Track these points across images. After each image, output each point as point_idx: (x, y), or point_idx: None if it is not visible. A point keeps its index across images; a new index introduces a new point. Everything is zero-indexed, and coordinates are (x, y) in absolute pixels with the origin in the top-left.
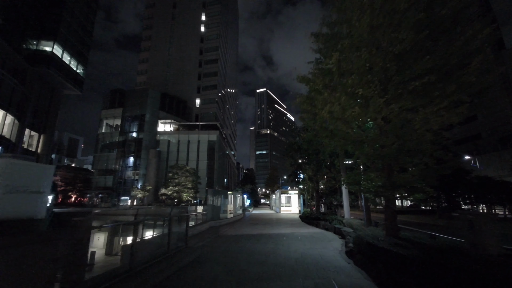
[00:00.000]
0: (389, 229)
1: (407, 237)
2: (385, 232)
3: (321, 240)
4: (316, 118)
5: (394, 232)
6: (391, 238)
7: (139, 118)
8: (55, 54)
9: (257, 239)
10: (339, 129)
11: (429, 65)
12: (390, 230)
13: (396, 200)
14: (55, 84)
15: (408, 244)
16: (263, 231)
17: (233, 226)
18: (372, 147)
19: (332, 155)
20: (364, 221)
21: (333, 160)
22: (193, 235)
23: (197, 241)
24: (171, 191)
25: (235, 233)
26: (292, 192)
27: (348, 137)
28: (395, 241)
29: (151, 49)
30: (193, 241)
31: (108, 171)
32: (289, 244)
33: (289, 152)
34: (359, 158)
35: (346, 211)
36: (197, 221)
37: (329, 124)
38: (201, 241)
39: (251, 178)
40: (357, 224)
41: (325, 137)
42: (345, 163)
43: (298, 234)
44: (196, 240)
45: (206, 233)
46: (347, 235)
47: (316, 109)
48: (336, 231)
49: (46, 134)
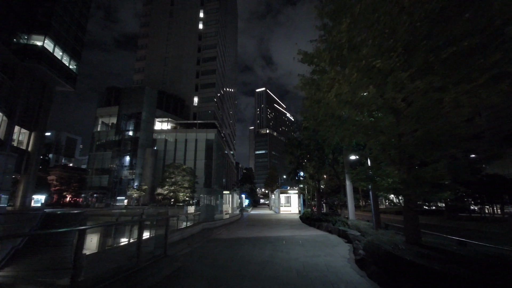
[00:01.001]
0: (410, 235)
1: (431, 244)
2: (404, 238)
3: (325, 244)
4: (319, 105)
5: (416, 238)
6: (413, 245)
7: (136, 116)
8: (46, 48)
9: (253, 244)
10: (348, 116)
11: (470, 26)
12: (411, 236)
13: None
14: (46, 80)
15: (437, 254)
16: (260, 234)
17: (229, 228)
18: (390, 135)
19: (335, 150)
20: (372, 223)
21: (336, 157)
22: (182, 239)
23: (183, 246)
24: (167, 190)
25: (229, 236)
26: (291, 192)
27: (360, 124)
28: (419, 249)
29: (148, 47)
30: (179, 246)
31: (103, 170)
32: (289, 250)
33: (288, 148)
34: (371, 151)
35: (351, 211)
36: (187, 222)
37: (336, 110)
38: (189, 247)
39: (250, 178)
40: (365, 227)
41: (330, 126)
42: (351, 159)
43: (298, 237)
44: (182, 246)
45: (197, 237)
46: (355, 239)
47: (321, 93)
48: (340, 234)
49: (37, 131)
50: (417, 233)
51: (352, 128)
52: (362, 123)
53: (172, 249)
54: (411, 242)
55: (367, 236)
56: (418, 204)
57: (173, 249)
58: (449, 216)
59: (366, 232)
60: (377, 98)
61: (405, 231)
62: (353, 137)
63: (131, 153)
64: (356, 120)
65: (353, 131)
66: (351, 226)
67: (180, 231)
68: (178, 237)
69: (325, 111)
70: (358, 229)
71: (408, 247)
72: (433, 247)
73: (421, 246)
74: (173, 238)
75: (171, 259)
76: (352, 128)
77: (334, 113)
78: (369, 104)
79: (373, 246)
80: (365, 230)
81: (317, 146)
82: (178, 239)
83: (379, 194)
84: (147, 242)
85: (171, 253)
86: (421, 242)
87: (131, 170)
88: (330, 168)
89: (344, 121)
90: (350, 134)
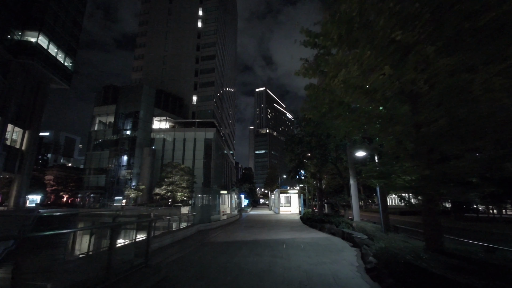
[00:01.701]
0: (431, 241)
1: (454, 251)
2: (421, 243)
3: (329, 249)
4: (324, 93)
5: (438, 245)
6: (434, 253)
7: (133, 115)
8: (40, 45)
9: (250, 248)
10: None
11: None
12: (432, 242)
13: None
14: (41, 78)
15: (466, 265)
16: (258, 237)
17: (226, 230)
18: (407, 125)
19: (339, 147)
20: (381, 226)
21: (339, 154)
22: (173, 243)
23: (173, 251)
24: (164, 190)
25: (225, 239)
26: (291, 192)
27: (371, 114)
28: (445, 259)
29: (146, 45)
30: (168, 251)
31: (100, 170)
32: (290, 256)
33: (288, 146)
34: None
35: (356, 212)
36: (180, 224)
37: (344, 98)
38: (179, 252)
39: (249, 177)
40: (372, 229)
41: (336, 117)
42: (356, 155)
43: (300, 240)
44: (172, 251)
45: (190, 240)
46: (362, 243)
47: (326, 78)
48: (345, 236)
49: (31, 130)
50: (439, 239)
51: (362, 118)
52: (374, 112)
53: (159, 255)
54: (433, 249)
55: (376, 240)
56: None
57: (160, 255)
58: (456, 217)
59: (374, 236)
60: (393, 82)
61: (426, 237)
62: (363, 128)
63: (128, 152)
64: (367, 108)
65: (363, 121)
66: (357, 228)
67: (172, 234)
68: (169, 241)
69: (331, 99)
70: (365, 231)
71: (430, 256)
72: (458, 254)
73: (444, 254)
74: (163, 242)
75: (153, 269)
76: (362, 118)
77: (341, 102)
78: (384, 89)
79: (388, 254)
80: (372, 233)
81: (319, 143)
82: (169, 243)
83: (395, 193)
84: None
85: (155, 261)
86: (444, 250)
87: (128, 170)
88: (333, 166)
89: (353, 110)
90: (359, 125)
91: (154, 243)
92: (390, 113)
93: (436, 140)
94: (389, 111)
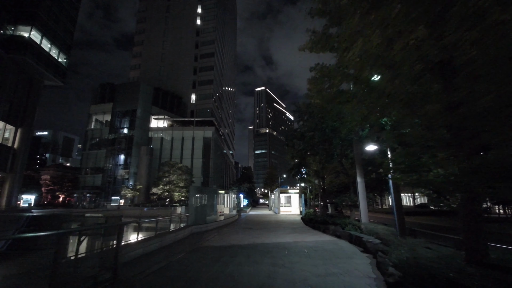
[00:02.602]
0: (473, 250)
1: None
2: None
3: (337, 255)
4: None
5: (482, 256)
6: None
7: (130, 113)
8: (32, 40)
9: (248, 255)
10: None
11: None
12: (476, 252)
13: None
14: (33, 74)
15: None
16: (257, 240)
17: (222, 232)
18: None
19: (344, 142)
20: (395, 229)
21: (344, 150)
22: (160, 248)
23: (157, 260)
24: (161, 190)
25: (220, 243)
26: (292, 191)
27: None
28: (499, 275)
29: (144, 43)
30: (153, 259)
31: (97, 169)
32: (293, 264)
33: (290, 142)
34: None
35: (364, 213)
36: (170, 226)
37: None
38: (164, 260)
39: (248, 177)
40: (385, 233)
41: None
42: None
43: (303, 244)
44: (157, 259)
45: (181, 244)
46: (375, 249)
47: (339, 51)
48: (353, 240)
49: (24, 128)
50: (484, 249)
51: (383, 98)
52: (399, 90)
53: (139, 265)
54: (475, 261)
55: (393, 247)
56: (423, 204)
57: (141, 265)
58: None
59: (388, 240)
60: (428, 49)
61: (466, 246)
62: (384, 111)
63: (125, 151)
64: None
65: (384, 103)
66: (366, 231)
67: (159, 238)
68: (155, 246)
69: (342, 78)
70: (377, 235)
71: (478, 271)
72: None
73: (492, 267)
74: (149, 248)
75: (123, 285)
76: (382, 99)
77: (357, 78)
78: (414, 60)
79: (418, 266)
80: (386, 237)
81: (324, 137)
82: (156, 249)
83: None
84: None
85: (131, 274)
86: (488, 262)
87: (125, 170)
88: (336, 164)
89: (371, 89)
90: (380, 108)
91: (137, 249)
92: (421, 90)
93: (478, 124)
94: (419, 88)
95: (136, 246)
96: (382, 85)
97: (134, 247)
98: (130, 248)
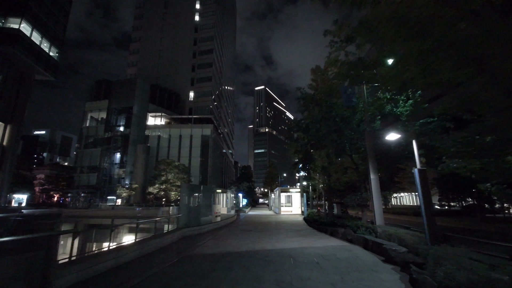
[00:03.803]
0: None
1: None
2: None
3: (356, 267)
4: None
5: None
6: None
7: (127, 111)
8: (22, 32)
9: (246, 266)
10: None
11: None
12: None
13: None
14: (24, 68)
15: None
16: (257, 245)
17: (218, 235)
18: None
19: (356, 135)
20: (425, 234)
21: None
22: (139, 258)
23: (130, 274)
24: (157, 189)
25: (213, 250)
26: (293, 190)
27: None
28: None
29: (142, 40)
30: (122, 274)
31: (92, 168)
32: (304, 283)
33: (296, 131)
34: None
35: (378, 213)
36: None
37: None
38: (138, 276)
39: (248, 176)
40: (412, 238)
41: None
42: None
43: (311, 251)
44: (128, 273)
45: (167, 252)
46: (401, 258)
47: None
48: (369, 246)
49: (14, 124)
50: None
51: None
52: None
53: (101, 284)
54: None
55: (429, 258)
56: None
57: (101, 284)
58: (482, 218)
59: (416, 248)
60: None
61: None
62: (448, 63)
63: (121, 149)
64: None
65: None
66: (383, 235)
67: (140, 246)
68: (134, 255)
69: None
70: (402, 241)
71: None
72: None
73: None
74: (122, 258)
75: None
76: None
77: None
78: None
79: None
80: (414, 244)
81: (334, 127)
82: (134, 258)
83: (484, 186)
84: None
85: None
86: None
87: (122, 168)
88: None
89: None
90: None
91: (106, 261)
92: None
93: None
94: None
95: (105, 257)
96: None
97: (102, 259)
98: (97, 260)
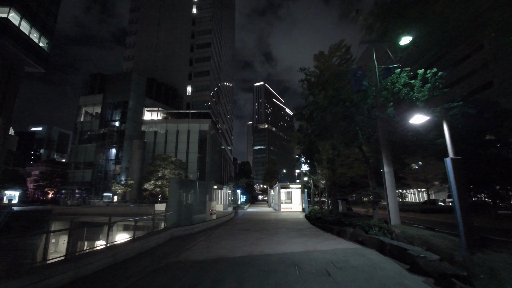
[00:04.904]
0: None
1: None
2: None
3: (378, 279)
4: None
5: None
6: None
7: (122, 105)
8: (10, 21)
9: (240, 278)
10: None
11: None
12: None
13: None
14: (12, 59)
15: None
16: (255, 248)
17: (211, 236)
18: None
19: (368, 123)
20: (460, 237)
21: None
22: (112, 266)
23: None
24: (153, 185)
25: (203, 256)
26: (294, 187)
27: None
28: None
29: (138, 33)
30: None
31: (87, 164)
32: None
33: (298, 120)
34: None
35: (394, 212)
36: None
37: None
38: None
39: (247, 172)
40: (445, 243)
41: None
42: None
43: (318, 256)
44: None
45: (147, 257)
46: (436, 269)
47: None
48: (387, 250)
49: (3, 118)
50: None
51: None
52: None
53: None
54: None
55: (477, 271)
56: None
57: None
58: (497, 216)
59: (451, 255)
60: None
61: None
62: None
63: (117, 145)
64: None
65: None
66: (400, 237)
67: (111, 252)
68: (104, 262)
69: None
70: (429, 245)
71: None
72: None
73: None
74: (86, 268)
75: None
76: None
77: None
78: None
79: None
80: (447, 249)
81: (344, 113)
82: (99, 269)
83: None
84: None
85: None
86: None
87: (117, 164)
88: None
89: None
90: None
91: (64, 272)
92: None
93: None
94: None
95: (61, 268)
96: None
97: (58, 270)
98: (51, 271)
